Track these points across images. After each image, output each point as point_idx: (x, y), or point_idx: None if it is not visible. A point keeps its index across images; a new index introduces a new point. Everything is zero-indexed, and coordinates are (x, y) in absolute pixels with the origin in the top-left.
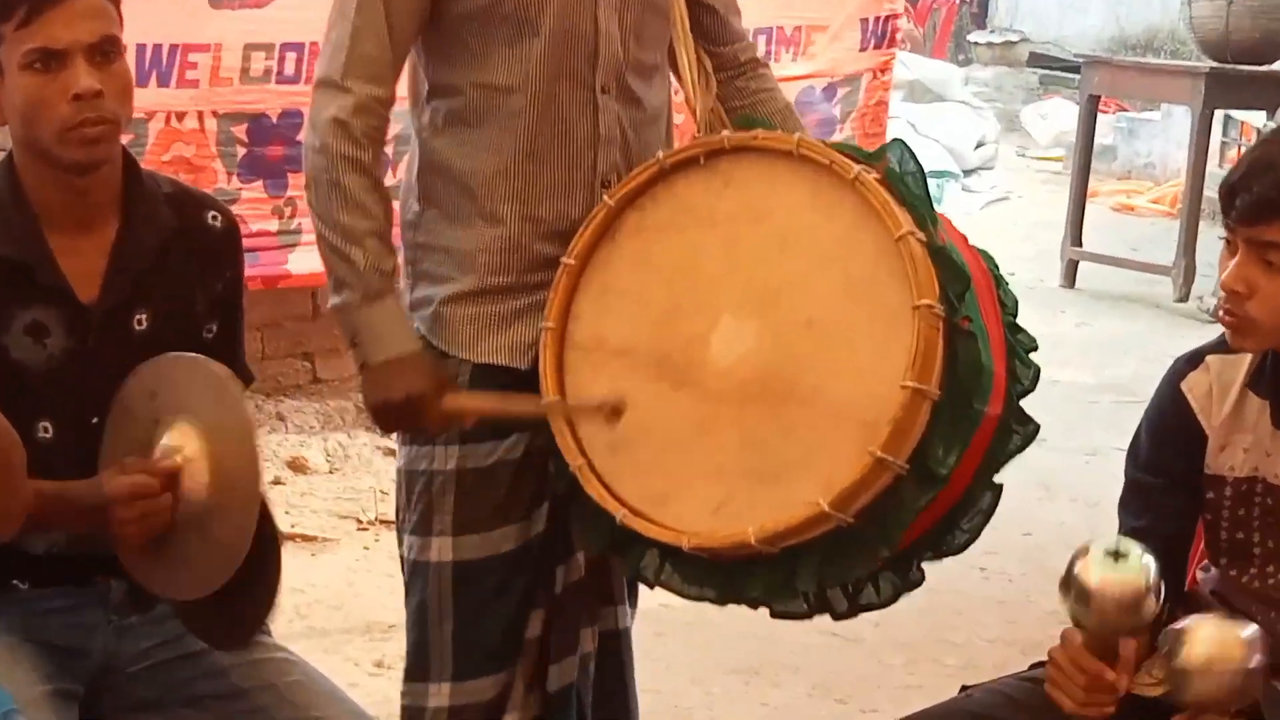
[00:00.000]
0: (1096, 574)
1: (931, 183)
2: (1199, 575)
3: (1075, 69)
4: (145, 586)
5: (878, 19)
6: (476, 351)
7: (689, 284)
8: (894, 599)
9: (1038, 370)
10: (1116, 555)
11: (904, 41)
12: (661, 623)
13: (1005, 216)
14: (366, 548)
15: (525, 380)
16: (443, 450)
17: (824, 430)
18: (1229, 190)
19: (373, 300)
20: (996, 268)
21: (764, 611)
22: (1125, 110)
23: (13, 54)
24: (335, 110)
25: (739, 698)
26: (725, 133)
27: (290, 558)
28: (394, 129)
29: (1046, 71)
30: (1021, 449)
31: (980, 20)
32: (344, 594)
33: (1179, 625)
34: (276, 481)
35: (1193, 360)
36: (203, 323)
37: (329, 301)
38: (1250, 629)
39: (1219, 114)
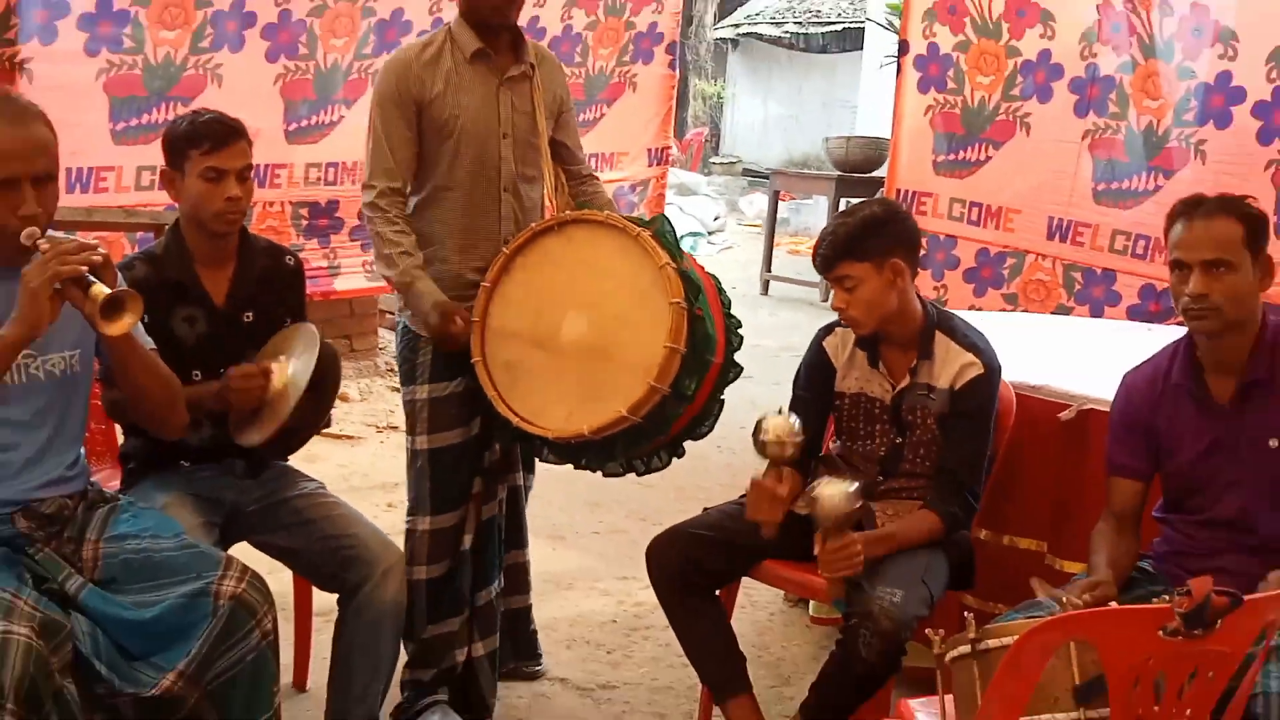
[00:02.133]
0: (770, 424)
1: (688, 240)
2: (831, 446)
3: (766, 176)
4: (239, 438)
5: (656, 149)
6: None
7: (549, 296)
8: (668, 464)
9: (742, 339)
10: (780, 411)
11: (675, 161)
12: (555, 478)
13: (730, 257)
14: (382, 442)
15: (464, 351)
16: (422, 388)
17: (625, 373)
18: (813, 257)
19: (409, 285)
20: (720, 285)
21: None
22: (794, 198)
23: (195, 168)
24: (370, 197)
25: (587, 518)
26: (567, 212)
27: (338, 448)
28: None
29: (752, 177)
30: (733, 380)
31: (716, 149)
32: (369, 467)
33: (816, 482)
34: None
35: (829, 329)
36: (282, 318)
37: (391, 278)
38: (855, 485)
39: (844, 200)
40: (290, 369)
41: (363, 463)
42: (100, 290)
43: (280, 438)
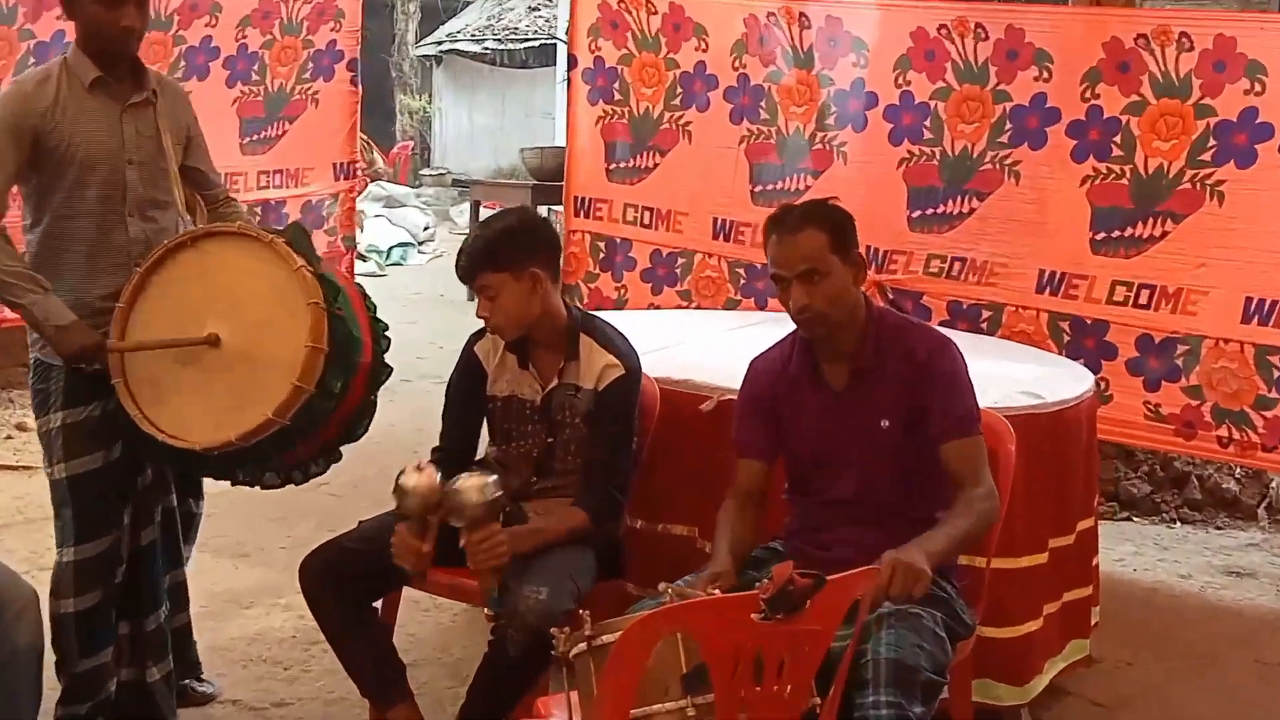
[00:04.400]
0: (410, 482)
1: (398, 250)
2: (489, 449)
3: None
4: None
5: (342, 163)
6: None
7: (188, 309)
8: (326, 469)
9: (390, 341)
10: (419, 467)
11: (383, 175)
12: (242, 496)
13: (442, 265)
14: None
15: (101, 373)
16: (56, 415)
17: (271, 377)
18: (456, 271)
19: (47, 294)
20: (365, 292)
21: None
22: (497, 207)
23: None
24: None
25: (274, 534)
26: (199, 226)
27: (14, 479)
28: None
29: (463, 188)
30: (384, 381)
31: (426, 162)
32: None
33: (454, 480)
34: (8, 437)
35: (479, 334)
36: None
37: (16, 304)
38: (493, 477)
39: (543, 209)
40: None
41: (39, 493)
42: None
43: None
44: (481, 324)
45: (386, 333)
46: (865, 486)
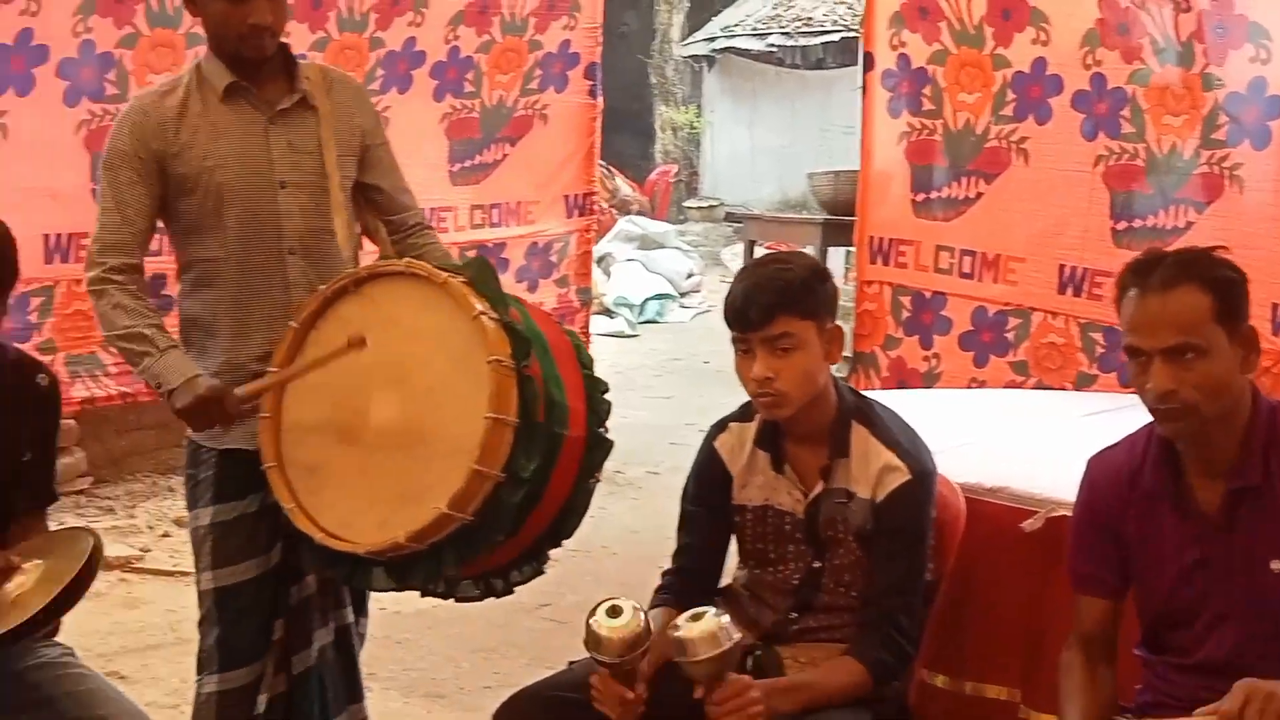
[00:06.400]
0: (605, 628)
1: (655, 303)
2: (737, 574)
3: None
4: None
5: (577, 195)
6: (221, 442)
7: (351, 375)
8: (532, 577)
9: (610, 406)
10: (614, 612)
11: (639, 208)
12: (439, 619)
13: (707, 322)
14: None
15: (257, 459)
16: (205, 511)
17: (443, 459)
18: (737, 311)
19: (165, 352)
20: (578, 338)
21: (500, 604)
22: (781, 249)
23: None
24: (98, 271)
25: (480, 669)
26: (361, 267)
27: (168, 587)
28: None
29: (738, 224)
30: (604, 461)
31: (693, 190)
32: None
33: (676, 623)
34: (165, 535)
35: (720, 426)
36: (21, 450)
37: (138, 372)
38: (725, 616)
39: (839, 250)
40: (34, 579)
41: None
42: None
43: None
44: (722, 415)
45: (606, 394)
46: (1247, 651)
